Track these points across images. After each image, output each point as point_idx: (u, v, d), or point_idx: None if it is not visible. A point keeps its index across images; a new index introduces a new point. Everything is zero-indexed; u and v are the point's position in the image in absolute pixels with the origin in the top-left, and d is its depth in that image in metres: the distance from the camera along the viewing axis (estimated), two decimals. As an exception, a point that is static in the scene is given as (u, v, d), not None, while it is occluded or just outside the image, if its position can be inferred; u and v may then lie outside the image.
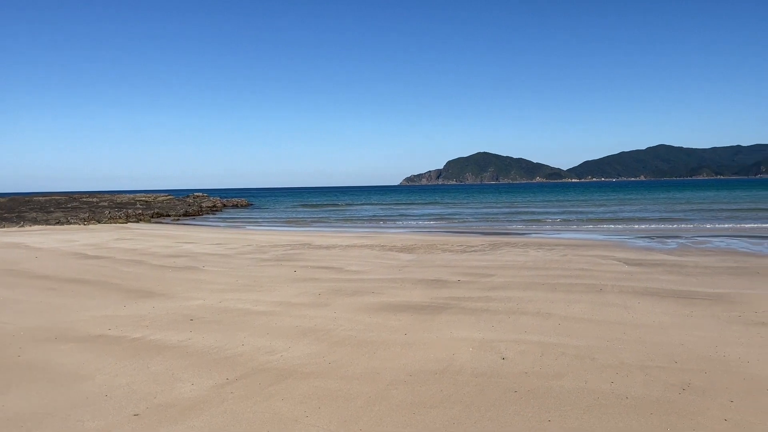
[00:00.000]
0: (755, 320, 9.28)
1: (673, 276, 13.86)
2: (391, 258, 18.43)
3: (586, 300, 11.08)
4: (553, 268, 15.52)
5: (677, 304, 10.64)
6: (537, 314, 9.93)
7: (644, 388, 6.22)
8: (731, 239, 23.10)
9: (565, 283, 13.07)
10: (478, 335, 8.60)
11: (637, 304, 10.60)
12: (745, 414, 5.51)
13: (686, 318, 9.51)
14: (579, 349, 7.77)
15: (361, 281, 13.84)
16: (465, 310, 10.41)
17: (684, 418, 5.42)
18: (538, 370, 6.94)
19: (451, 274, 14.60)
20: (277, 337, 8.71)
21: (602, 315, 9.80)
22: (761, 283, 12.72)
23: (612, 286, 12.48)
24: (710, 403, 5.77)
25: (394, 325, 9.38)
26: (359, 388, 6.47)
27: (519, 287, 12.57)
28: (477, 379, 6.66)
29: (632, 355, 7.44)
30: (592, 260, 16.98)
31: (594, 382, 6.46)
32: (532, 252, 19.38)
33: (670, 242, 22.48)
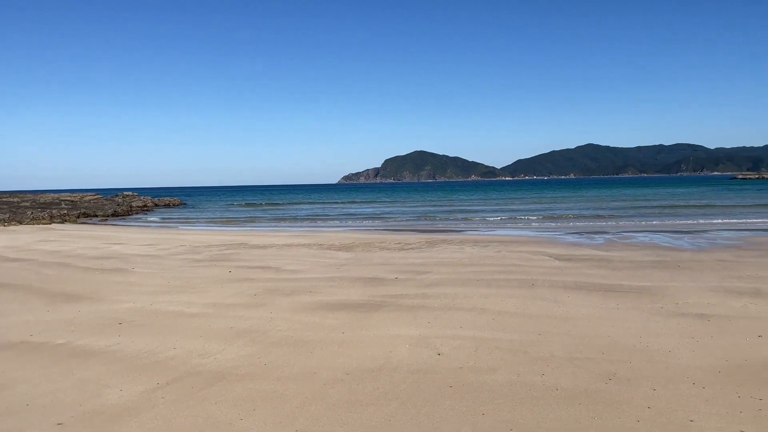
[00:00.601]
0: (676, 311, 9.76)
1: (600, 270, 14.40)
2: (328, 257, 18.35)
3: (519, 295, 11.36)
4: (488, 264, 15.84)
5: (604, 297, 11.06)
6: (472, 310, 10.11)
7: (573, 379, 6.44)
8: (654, 234, 24.23)
9: (499, 278, 13.36)
10: (414, 332, 8.68)
11: (567, 298, 10.96)
12: (667, 401, 5.78)
13: (612, 311, 9.90)
14: (512, 343, 7.96)
15: (298, 281, 13.71)
16: (402, 307, 10.48)
17: (610, 407, 5.64)
18: (472, 365, 7.07)
19: (389, 272, 14.68)
20: (210, 340, 8.51)
21: (534, 309, 10.08)
22: (681, 275, 13.40)
23: (543, 281, 12.85)
24: (634, 392, 6.03)
25: (332, 324, 9.34)
26: (295, 389, 6.40)
27: (455, 284, 12.77)
28: (413, 376, 6.72)
29: (562, 348, 7.68)
30: (525, 256, 17.43)
31: (526, 375, 6.63)
32: (468, 249, 19.72)
33: (598, 238, 23.37)
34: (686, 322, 9.03)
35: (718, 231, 25.33)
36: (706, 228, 27.19)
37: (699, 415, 5.41)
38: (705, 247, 19.36)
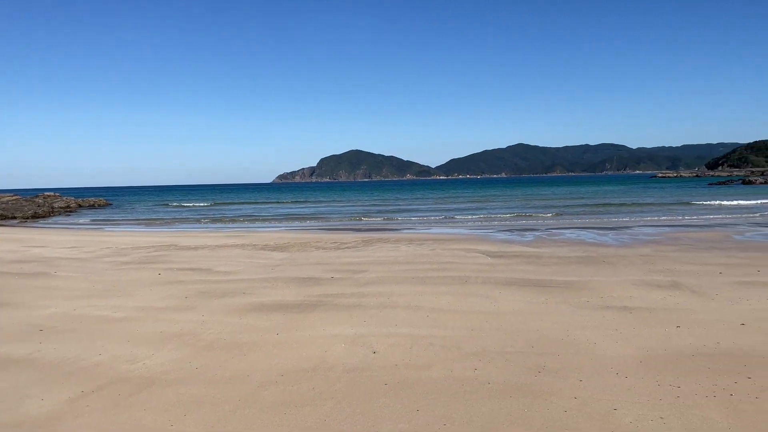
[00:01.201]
0: (601, 305, 10.17)
1: (530, 266, 14.83)
2: (263, 257, 18.09)
3: (453, 292, 11.55)
4: (423, 262, 16.03)
5: (534, 292, 11.40)
6: (407, 307, 10.20)
7: (504, 373, 6.61)
8: (581, 231, 25.16)
9: (433, 276, 13.54)
10: (350, 331, 8.67)
11: (499, 294, 11.22)
12: (593, 391, 6.01)
13: (542, 305, 10.22)
14: (446, 339, 8.08)
15: (231, 282, 13.45)
16: (338, 306, 10.45)
17: (539, 399, 5.82)
18: (408, 362, 7.13)
19: (325, 272, 14.61)
20: (138, 345, 8.23)
21: (467, 305, 10.27)
22: (606, 270, 13.97)
23: (476, 278, 13.11)
24: (562, 384, 6.25)
25: (266, 325, 9.21)
26: (228, 392, 6.28)
27: (390, 282, 12.85)
28: (349, 375, 6.71)
29: (494, 343, 7.86)
30: (459, 253, 17.73)
31: (459, 370, 6.75)
32: (404, 247, 19.89)
33: (528, 235, 24.05)
34: (610, 314, 9.42)
35: (640, 227, 26.56)
36: (629, 224, 28.46)
37: (622, 403, 5.66)
38: (628, 242, 20.25)
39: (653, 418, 5.29)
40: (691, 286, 11.53)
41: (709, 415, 5.34)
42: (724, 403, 5.61)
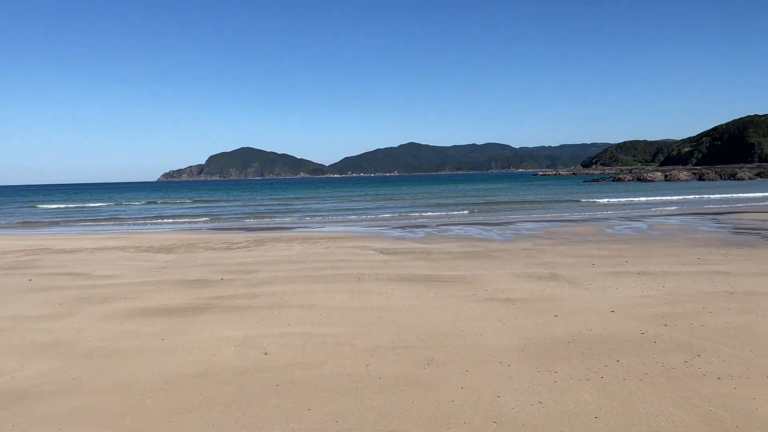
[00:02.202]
0: (486, 297, 10.62)
1: (421, 262, 15.20)
2: (147, 259, 17.24)
3: (346, 289, 11.61)
4: (317, 260, 15.97)
5: (425, 287, 11.70)
6: (300, 306, 10.13)
7: (395, 367, 6.73)
8: (468, 227, 26.13)
9: (327, 274, 13.53)
10: (240, 333, 8.48)
11: (391, 290, 11.42)
12: (478, 381, 6.27)
13: (432, 299, 10.51)
14: (339, 337, 8.11)
15: (113, 286, 12.71)
16: (228, 308, 10.18)
17: (428, 391, 5.98)
18: (300, 361, 7.08)
19: (214, 273, 14.17)
20: (6, 357, 7.58)
21: (360, 302, 10.36)
22: (491, 264, 14.60)
23: (369, 275, 13.25)
24: (450, 375, 6.46)
25: (150, 330, 8.79)
26: (108, 403, 5.93)
27: (283, 281, 12.69)
28: (239, 378, 6.56)
29: (386, 338, 7.99)
30: (352, 251, 17.84)
31: (352, 367, 6.80)
32: (297, 246, 19.71)
33: (419, 231, 24.65)
34: (495, 306, 9.86)
35: (522, 223, 28.00)
36: (513, 220, 29.92)
37: (505, 391, 5.95)
38: (511, 237, 21.29)
39: (533, 403, 5.61)
40: (568, 277, 12.31)
41: (582, 398, 5.73)
42: (595, 386, 6.05)
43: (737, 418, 5.14)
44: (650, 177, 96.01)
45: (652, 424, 5.09)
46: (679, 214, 31.07)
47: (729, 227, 23.00)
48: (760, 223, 23.98)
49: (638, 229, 23.37)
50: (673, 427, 5.01)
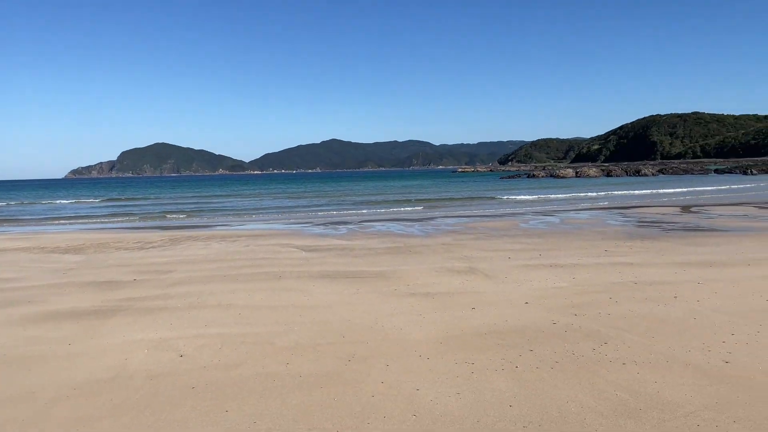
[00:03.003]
0: (407, 292, 10.74)
1: (343, 259, 15.19)
2: (53, 261, 16.30)
3: (267, 288, 11.43)
4: (236, 259, 15.63)
5: (347, 283, 11.70)
6: (218, 306, 9.88)
7: (316, 365, 6.69)
8: (390, 223, 26.36)
9: (246, 273, 13.27)
10: (154, 335, 8.17)
11: (313, 287, 11.34)
12: (398, 375, 6.33)
13: (353, 296, 10.52)
14: (258, 336, 7.97)
15: (14, 290, 11.93)
16: (141, 310, 9.79)
17: (348, 387, 5.99)
18: (217, 362, 6.91)
19: (126, 274, 13.59)
20: None
21: (281, 300, 10.23)
22: (411, 259, 14.79)
23: (290, 272, 13.10)
24: (371, 370, 6.49)
25: (56, 335, 8.31)
26: (10, 414, 5.57)
27: (200, 281, 12.34)
28: (152, 382, 6.32)
29: (306, 336, 7.93)
30: (273, 249, 17.59)
31: (271, 366, 6.70)
32: (215, 245, 19.21)
33: (342, 228, 24.62)
34: (415, 300, 10.00)
35: (443, 218, 28.53)
36: (433, 216, 30.43)
37: (424, 383, 6.04)
38: (432, 233, 21.65)
39: (451, 395, 5.72)
40: (485, 271, 12.66)
41: (498, 387, 5.91)
42: (510, 375, 6.25)
43: (640, 401, 5.45)
44: (562, 174, 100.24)
45: (563, 409, 5.32)
46: (588, 208, 32.61)
47: (634, 221, 24.37)
48: (661, 217, 25.56)
49: (551, 223, 24.34)
50: (582, 412, 5.25)
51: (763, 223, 21.84)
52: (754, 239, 16.92)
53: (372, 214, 33.46)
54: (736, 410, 5.19)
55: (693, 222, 22.99)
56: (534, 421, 5.08)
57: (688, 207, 31.10)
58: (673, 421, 4.99)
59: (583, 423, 5.03)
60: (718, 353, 6.72)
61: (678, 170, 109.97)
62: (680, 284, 10.60)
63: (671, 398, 5.49)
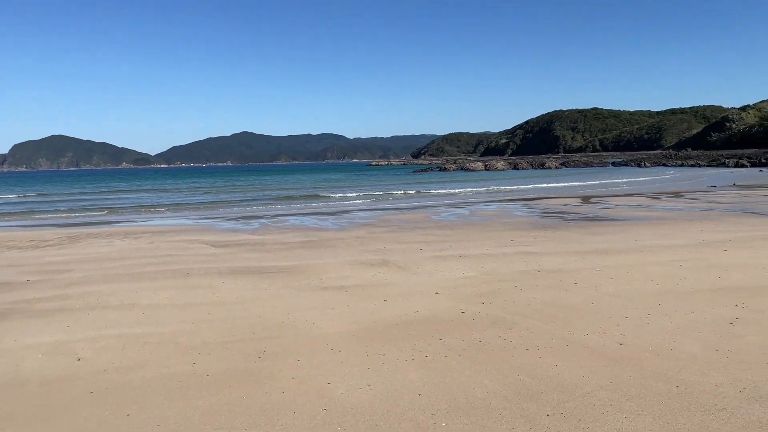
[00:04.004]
0: (320, 286, 10.69)
1: (255, 254, 14.90)
2: (-67, 262, 14.96)
3: (173, 285, 11.03)
4: (140, 256, 14.98)
5: (258, 279, 11.48)
6: (120, 307, 9.42)
7: (224, 363, 6.52)
8: (304, 217, 26.13)
9: (151, 270, 12.75)
10: (49, 339, 7.68)
11: (222, 284, 11.05)
12: (309, 369, 6.28)
13: (265, 291, 10.35)
14: (163, 336, 7.68)
15: None
16: (35, 312, 9.17)
17: (258, 384, 5.88)
18: (118, 365, 6.59)
19: (19, 274, 12.70)
20: None
21: (188, 298, 9.90)
22: (325, 253, 14.73)
23: (199, 269, 12.71)
24: (281, 366, 6.40)
25: (-65, 343, 7.64)
26: None
27: (101, 281, 11.73)
28: (46, 388, 5.94)
29: (215, 334, 7.71)
30: (181, 245, 17.00)
31: (177, 366, 6.46)
32: (118, 242, 18.33)
33: (254, 222, 24.15)
34: (328, 294, 9.96)
35: (358, 212, 28.61)
36: (348, 209, 30.46)
37: (335, 377, 6.03)
38: (346, 226, 21.66)
39: (362, 386, 5.75)
40: (398, 263, 12.81)
41: (408, 377, 5.99)
42: (420, 364, 6.35)
43: (542, 384, 5.69)
44: (472, 167, 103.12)
45: (469, 395, 5.47)
46: (496, 200, 33.74)
47: (538, 212, 25.44)
48: (563, 207, 26.84)
49: (461, 215, 24.98)
50: (487, 397, 5.42)
51: (654, 212, 23.42)
52: (647, 227, 18.10)
53: (286, 209, 33.04)
54: (629, 388, 5.52)
55: (592, 212, 24.30)
56: (442, 408, 5.20)
57: (588, 198, 32.84)
58: (572, 402, 5.25)
59: (489, 407, 5.19)
60: (613, 336, 7.13)
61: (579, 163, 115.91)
62: (580, 271, 11.17)
63: (570, 380, 5.77)
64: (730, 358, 6.26)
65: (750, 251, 12.83)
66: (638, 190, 38.20)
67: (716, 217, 20.36)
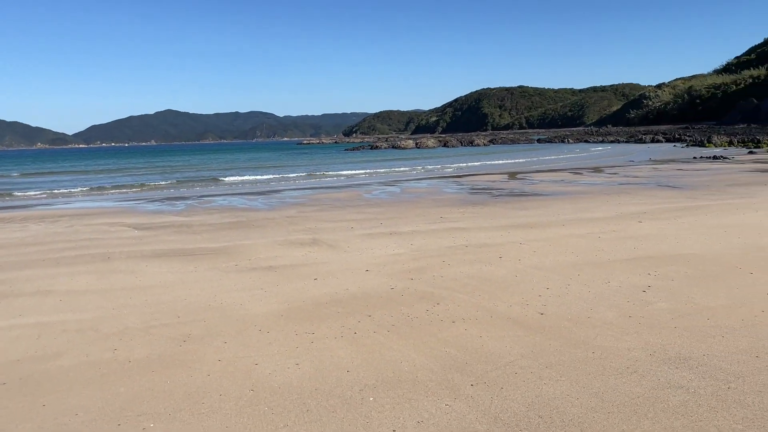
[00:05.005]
0: (249, 267, 10.53)
1: (180, 236, 14.50)
2: None
3: (92, 270, 10.59)
4: (57, 241, 14.28)
5: (183, 262, 11.19)
6: (35, 293, 8.98)
7: (147, 349, 6.34)
8: (231, 197, 25.59)
9: (69, 255, 12.20)
10: (-44, 330, 7.24)
11: (145, 268, 10.71)
12: (236, 351, 6.20)
13: (190, 274, 10.10)
14: (82, 323, 7.38)
15: None
16: (-61, 303, 8.60)
17: (182, 368, 5.75)
18: (33, 354, 6.29)
19: None
20: None
21: (109, 283, 9.54)
22: (254, 233, 14.51)
23: (120, 253, 12.26)
24: (207, 349, 6.29)
25: None
26: None
27: (14, 267, 11.12)
28: (-48, 383, 5.60)
29: (137, 319, 7.47)
30: (101, 228, 16.32)
31: (97, 354, 6.23)
32: (33, 226, 17.39)
33: (179, 204, 23.46)
34: (257, 275, 9.83)
35: (288, 191, 28.26)
36: (278, 188, 30.04)
37: (263, 357, 5.98)
38: (276, 205, 21.38)
39: (290, 366, 5.72)
40: (328, 242, 12.78)
41: (337, 354, 6.01)
42: (349, 341, 6.39)
43: (467, 355, 5.85)
44: (403, 145, 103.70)
45: (396, 369, 5.55)
46: (426, 178, 34.14)
47: (467, 188, 25.94)
48: (491, 184, 27.48)
49: (392, 193, 25.14)
50: (414, 370, 5.52)
51: (576, 187, 24.33)
52: (568, 202, 18.80)
53: (212, 190, 32.23)
54: (549, 356, 5.76)
55: (518, 188, 24.99)
56: (370, 383, 5.25)
57: (514, 174, 33.74)
58: (495, 371, 5.42)
59: (416, 380, 5.29)
60: (534, 306, 7.40)
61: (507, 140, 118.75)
62: (505, 245, 11.49)
63: (494, 350, 5.95)
64: (642, 323, 6.63)
65: (662, 222, 13.57)
66: (561, 166, 39.55)
67: (633, 191, 21.38)
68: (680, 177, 26.78)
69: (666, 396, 4.82)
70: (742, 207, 15.60)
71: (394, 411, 4.71)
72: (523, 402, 4.79)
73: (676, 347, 5.86)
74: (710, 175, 27.01)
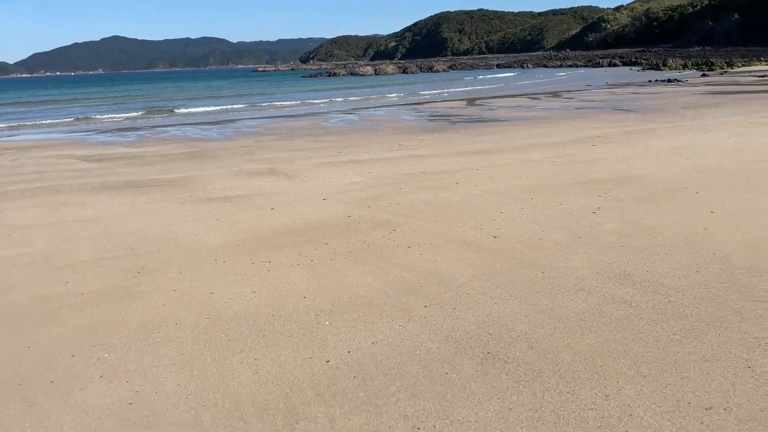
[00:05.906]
0: (204, 198, 10.38)
1: (132, 168, 14.13)
2: None
3: (41, 204, 10.31)
4: (3, 174, 13.79)
5: (136, 193, 10.96)
6: (-19, 229, 8.70)
7: (100, 281, 6.27)
8: (186, 128, 24.89)
9: (17, 189, 11.83)
10: None
11: (96, 200, 10.46)
12: (191, 281, 6.18)
13: (144, 205, 9.91)
14: (32, 257, 7.22)
15: None
16: None
17: (137, 299, 5.72)
18: (-19, 291, 6.16)
19: None
20: None
21: (59, 216, 9.31)
22: (209, 164, 14.23)
23: (70, 186, 11.92)
24: (162, 279, 6.25)
25: None
26: None
27: (-44, 203, 10.72)
28: None
29: (89, 251, 7.35)
30: (49, 161, 15.77)
31: (48, 288, 6.14)
32: (-25, 160, 16.68)
33: (130, 135, 22.74)
34: (212, 206, 9.72)
35: (244, 120, 27.59)
36: (234, 118, 29.28)
37: (218, 286, 5.99)
38: (231, 135, 20.92)
39: (246, 294, 5.76)
40: (285, 171, 12.64)
41: (293, 281, 6.06)
42: (305, 268, 6.43)
43: (421, 279, 5.97)
44: (362, 71, 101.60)
45: (352, 294, 5.64)
46: (385, 105, 33.75)
47: (426, 115, 25.79)
48: (450, 111, 27.34)
49: (351, 121, 24.82)
50: (369, 294, 5.62)
51: (533, 112, 24.43)
52: (525, 127, 18.91)
53: (165, 120, 31.22)
54: (500, 277, 5.92)
55: (477, 114, 24.96)
56: (326, 308, 5.33)
57: (473, 100, 33.59)
58: (448, 293, 5.56)
59: (371, 304, 5.39)
60: (488, 230, 7.54)
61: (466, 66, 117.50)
62: (462, 171, 11.57)
63: (447, 273, 6.09)
64: (591, 243, 6.84)
65: (615, 145, 13.81)
66: (519, 92, 39.51)
67: (589, 115, 21.61)
68: (635, 101, 27.11)
69: (610, 311, 5.04)
70: (693, 129, 15.97)
71: (350, 333, 4.81)
72: (473, 321, 4.95)
73: (621, 265, 6.09)
74: (664, 98, 27.41)
